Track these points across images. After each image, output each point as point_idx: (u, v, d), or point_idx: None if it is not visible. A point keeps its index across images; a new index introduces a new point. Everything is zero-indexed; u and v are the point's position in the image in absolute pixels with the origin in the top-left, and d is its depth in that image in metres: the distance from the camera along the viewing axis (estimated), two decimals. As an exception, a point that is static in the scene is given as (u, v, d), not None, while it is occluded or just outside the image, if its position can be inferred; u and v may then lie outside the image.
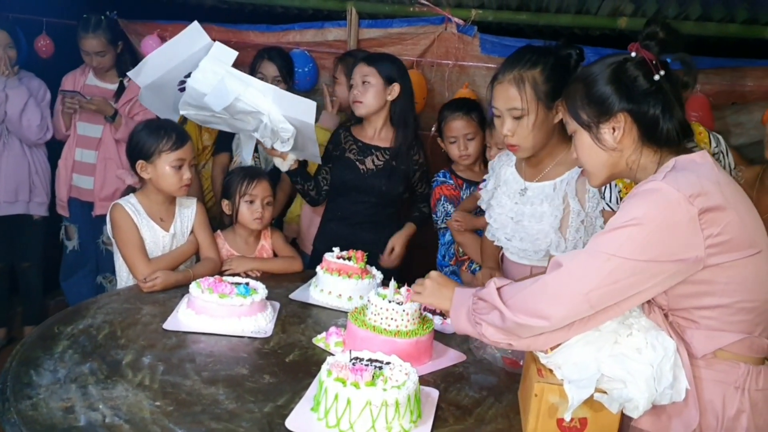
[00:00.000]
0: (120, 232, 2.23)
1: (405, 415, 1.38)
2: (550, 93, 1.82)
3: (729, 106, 3.20)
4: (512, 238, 2.02)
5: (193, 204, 2.43)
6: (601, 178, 1.50)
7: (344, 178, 2.71)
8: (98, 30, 3.23)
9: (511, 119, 1.86)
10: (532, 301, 1.35)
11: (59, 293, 3.72)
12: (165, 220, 2.33)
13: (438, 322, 2.03)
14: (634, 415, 1.33)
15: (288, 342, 1.84)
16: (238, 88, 2.26)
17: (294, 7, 3.68)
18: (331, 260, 2.23)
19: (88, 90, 3.34)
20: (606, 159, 1.45)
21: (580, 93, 1.46)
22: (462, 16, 3.31)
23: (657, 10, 3.12)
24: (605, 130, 1.43)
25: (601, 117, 1.43)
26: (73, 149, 3.41)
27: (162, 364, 1.62)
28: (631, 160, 1.44)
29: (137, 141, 2.28)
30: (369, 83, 2.60)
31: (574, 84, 1.50)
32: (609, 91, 1.41)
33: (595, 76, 1.44)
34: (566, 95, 1.51)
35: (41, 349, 1.64)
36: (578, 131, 1.48)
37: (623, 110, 1.41)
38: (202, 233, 2.40)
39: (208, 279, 1.97)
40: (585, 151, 1.48)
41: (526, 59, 1.84)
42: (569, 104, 1.50)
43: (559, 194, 1.94)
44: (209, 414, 1.41)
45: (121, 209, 2.24)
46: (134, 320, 1.88)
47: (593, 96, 1.43)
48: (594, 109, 1.44)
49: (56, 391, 1.44)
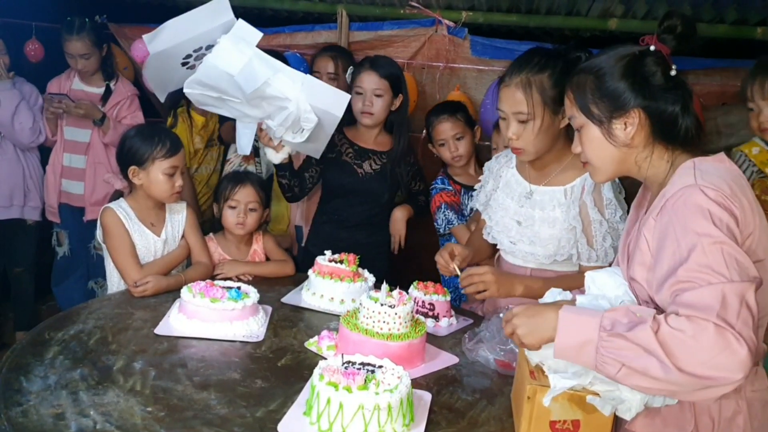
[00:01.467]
0: (111, 237, 2.21)
1: (397, 418, 1.37)
2: (557, 98, 1.78)
3: (719, 107, 3.22)
4: (518, 242, 2.00)
5: (184, 209, 2.42)
6: (607, 174, 1.45)
7: (342, 182, 2.71)
8: (82, 32, 3.22)
9: (517, 123, 1.84)
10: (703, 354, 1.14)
11: (51, 298, 3.70)
12: (156, 225, 2.32)
13: (430, 325, 2.03)
14: (626, 416, 1.33)
15: (280, 346, 1.84)
16: (267, 71, 2.14)
17: (284, 9, 3.68)
18: (323, 263, 2.22)
19: (74, 95, 3.32)
20: (615, 155, 1.40)
21: (590, 86, 1.40)
22: (452, 18, 3.32)
23: (647, 11, 3.13)
24: (617, 126, 1.38)
25: (615, 112, 1.37)
26: (60, 154, 3.40)
27: (153, 370, 1.61)
28: (641, 157, 1.40)
29: (130, 146, 2.26)
30: (381, 96, 2.62)
31: (581, 76, 1.43)
32: (623, 86, 1.36)
33: (606, 69, 1.38)
34: (574, 88, 1.44)
35: (31, 355, 1.63)
36: (587, 126, 1.42)
37: (639, 107, 1.35)
38: (192, 237, 2.40)
39: (200, 283, 1.96)
40: (593, 146, 1.43)
41: (535, 63, 1.81)
42: (578, 97, 1.43)
43: (575, 202, 1.91)
44: (201, 419, 1.41)
45: (113, 213, 2.23)
46: (125, 325, 1.87)
47: (606, 90, 1.37)
48: (607, 104, 1.37)
49: (47, 397, 1.43)
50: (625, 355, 1.18)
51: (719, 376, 1.12)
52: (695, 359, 1.12)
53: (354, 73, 2.71)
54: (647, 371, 1.16)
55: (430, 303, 2.09)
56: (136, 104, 3.46)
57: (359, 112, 2.66)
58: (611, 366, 1.20)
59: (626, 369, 1.18)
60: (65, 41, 3.24)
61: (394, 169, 2.72)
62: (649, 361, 1.16)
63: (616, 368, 1.19)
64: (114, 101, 3.36)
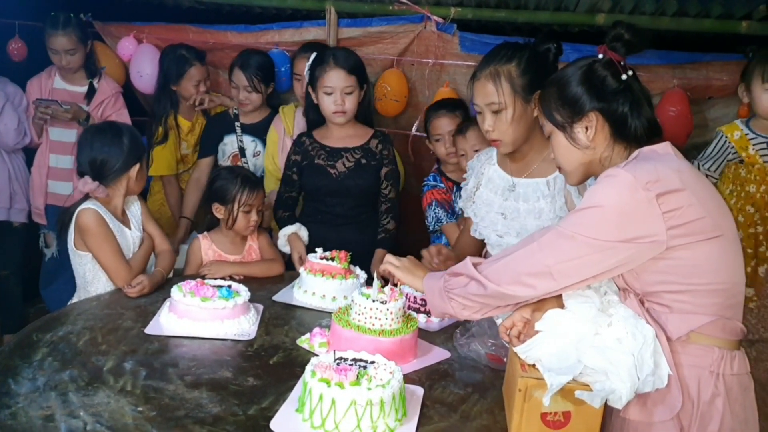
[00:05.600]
0: (95, 238, 2.13)
1: (390, 413, 1.37)
2: (527, 86, 1.85)
3: (705, 101, 3.24)
4: (504, 235, 2.02)
5: (136, 200, 2.40)
6: (578, 177, 1.57)
7: (317, 185, 2.68)
8: (68, 27, 3.18)
9: (491, 114, 1.88)
10: (514, 270, 1.43)
11: (39, 301, 3.66)
12: (124, 219, 2.30)
13: (422, 320, 2.03)
14: (617, 405, 1.34)
15: (272, 344, 1.83)
16: None
17: (272, 7, 3.65)
18: (314, 261, 2.21)
19: (57, 94, 3.29)
20: (581, 157, 1.52)
21: (554, 96, 1.53)
22: (441, 14, 3.31)
23: (634, 6, 3.15)
24: (578, 129, 1.50)
25: (574, 117, 1.49)
26: (46, 155, 3.36)
27: (144, 369, 1.60)
28: (603, 157, 1.50)
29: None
30: (351, 93, 2.57)
31: (548, 88, 1.56)
32: (580, 91, 1.48)
33: (567, 78, 1.51)
34: (541, 99, 1.59)
35: (19, 357, 1.61)
36: (554, 132, 1.55)
37: (594, 109, 1.47)
38: (151, 227, 2.40)
39: (190, 282, 1.95)
40: (561, 151, 1.55)
41: (501, 55, 1.88)
42: (544, 107, 1.56)
43: (559, 192, 1.94)
44: (193, 418, 1.40)
45: (94, 213, 2.14)
46: (115, 326, 1.85)
47: (566, 97, 1.50)
48: (567, 110, 1.50)
49: (35, 399, 1.42)
50: (454, 284, 1.52)
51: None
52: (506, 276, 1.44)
53: (317, 71, 2.58)
54: (469, 293, 1.48)
55: (422, 299, 2.09)
56: (120, 102, 3.43)
57: (331, 112, 2.58)
58: (452, 300, 1.52)
59: (459, 299, 1.50)
60: (49, 36, 3.19)
61: (369, 161, 2.66)
62: (469, 284, 1.48)
63: (453, 301, 1.51)
64: (98, 100, 3.33)
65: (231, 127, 3.22)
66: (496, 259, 1.49)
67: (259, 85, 3.08)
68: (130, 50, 3.52)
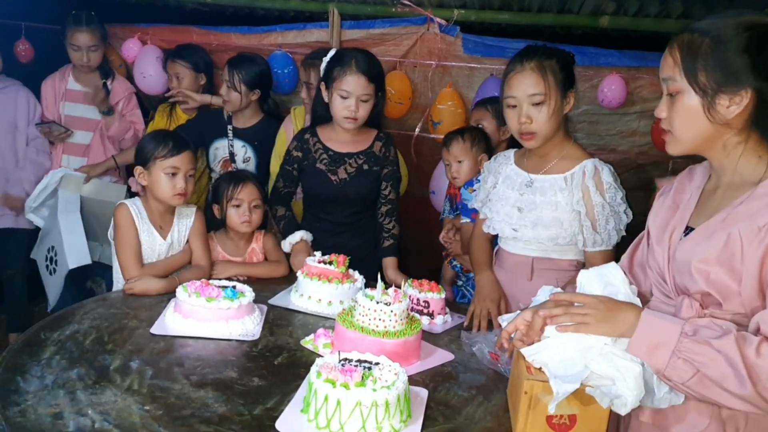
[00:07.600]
0: (119, 231, 2.24)
1: (395, 415, 1.38)
2: (564, 82, 1.94)
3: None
4: (520, 228, 2.04)
5: (193, 213, 2.41)
6: (686, 147, 1.34)
7: (317, 191, 2.60)
8: (92, 24, 3.21)
9: (530, 106, 1.93)
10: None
11: (43, 300, 3.67)
12: (164, 228, 2.33)
13: (426, 322, 2.04)
14: (621, 412, 1.33)
15: (276, 344, 1.84)
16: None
17: (275, 8, 3.67)
18: (312, 264, 2.19)
19: (71, 95, 3.30)
20: (706, 131, 1.29)
21: (704, 51, 1.25)
22: (444, 16, 3.33)
23: (638, 8, 3.15)
24: (722, 101, 1.25)
25: (725, 87, 1.24)
26: (59, 156, 3.38)
27: (150, 369, 1.61)
28: (732, 142, 1.29)
29: (139, 148, 2.34)
30: (368, 101, 2.44)
31: (695, 36, 1.28)
32: (742, 61, 1.22)
33: (728, 37, 1.24)
34: (684, 48, 1.29)
35: (28, 355, 1.62)
36: (686, 93, 1.28)
37: (752, 87, 1.23)
38: (196, 241, 2.39)
39: (195, 283, 1.95)
40: (685, 116, 1.30)
41: (542, 52, 1.95)
42: (686, 60, 1.28)
43: (577, 187, 1.96)
44: (199, 417, 1.41)
45: (126, 209, 2.26)
46: (121, 325, 1.87)
47: (721, 61, 1.24)
48: (719, 75, 1.24)
49: (44, 397, 1.43)
50: (703, 361, 1.18)
51: None
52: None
53: (335, 71, 2.42)
54: (722, 382, 1.15)
55: (425, 301, 2.10)
56: (134, 102, 3.45)
57: (342, 117, 2.44)
58: (683, 371, 1.19)
59: (700, 376, 1.18)
60: (72, 33, 3.21)
61: (371, 167, 2.57)
62: (727, 372, 1.15)
63: (689, 374, 1.19)
64: (113, 100, 3.35)
65: (224, 130, 3.13)
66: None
67: (239, 85, 2.97)
68: (134, 52, 3.53)
